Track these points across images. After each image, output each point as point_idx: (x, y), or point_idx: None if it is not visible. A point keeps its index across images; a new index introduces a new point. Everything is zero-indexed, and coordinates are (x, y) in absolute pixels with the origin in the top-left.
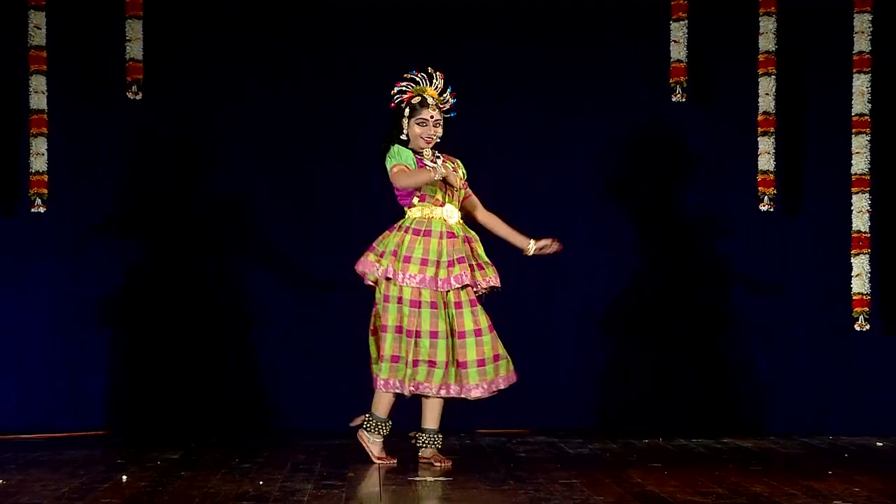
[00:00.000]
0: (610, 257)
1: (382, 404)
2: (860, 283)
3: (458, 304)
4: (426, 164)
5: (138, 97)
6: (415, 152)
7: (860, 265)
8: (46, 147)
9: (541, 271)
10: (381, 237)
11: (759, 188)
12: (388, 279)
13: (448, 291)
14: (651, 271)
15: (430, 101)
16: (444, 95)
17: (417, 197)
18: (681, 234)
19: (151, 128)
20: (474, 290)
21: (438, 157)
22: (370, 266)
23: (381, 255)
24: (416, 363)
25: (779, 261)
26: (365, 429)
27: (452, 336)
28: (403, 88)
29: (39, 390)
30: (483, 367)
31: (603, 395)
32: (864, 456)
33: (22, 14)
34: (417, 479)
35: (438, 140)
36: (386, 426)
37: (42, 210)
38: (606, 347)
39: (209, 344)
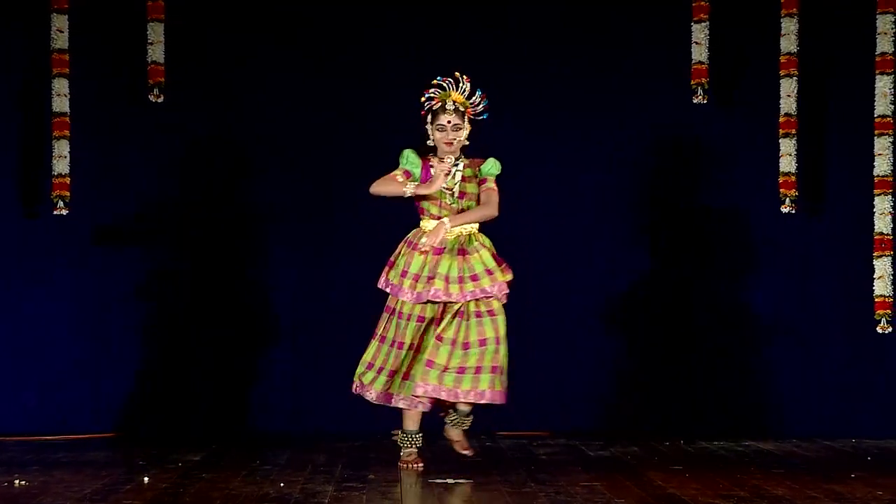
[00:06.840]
0: (629, 259)
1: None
2: (882, 286)
3: (437, 321)
4: (431, 171)
5: (160, 100)
6: (434, 156)
7: (882, 267)
8: (69, 150)
9: (559, 272)
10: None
11: (781, 190)
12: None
13: (427, 304)
14: (671, 273)
15: (449, 106)
16: (474, 99)
17: (419, 210)
18: (702, 237)
19: (173, 130)
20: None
21: (457, 163)
22: (382, 277)
23: (388, 266)
24: (392, 373)
25: (800, 263)
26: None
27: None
28: (431, 95)
29: (60, 391)
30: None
31: (622, 398)
32: (887, 459)
33: (44, 17)
34: (438, 480)
35: (465, 144)
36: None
37: (64, 213)
38: (626, 349)
39: (230, 347)
